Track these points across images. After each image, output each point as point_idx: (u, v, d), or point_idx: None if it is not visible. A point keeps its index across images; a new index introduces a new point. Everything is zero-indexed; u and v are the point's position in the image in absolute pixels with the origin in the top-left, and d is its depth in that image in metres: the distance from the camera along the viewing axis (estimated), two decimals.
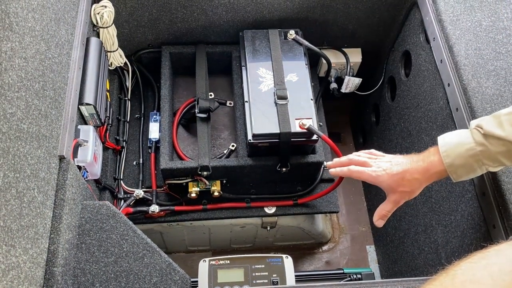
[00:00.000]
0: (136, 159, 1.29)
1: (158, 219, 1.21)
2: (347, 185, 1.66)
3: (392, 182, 0.83)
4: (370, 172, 0.85)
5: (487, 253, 0.59)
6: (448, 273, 0.57)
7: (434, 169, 0.80)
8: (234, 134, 1.28)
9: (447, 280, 0.57)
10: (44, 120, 0.80)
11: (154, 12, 1.25)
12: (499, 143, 0.74)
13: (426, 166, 0.81)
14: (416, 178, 0.81)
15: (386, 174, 0.83)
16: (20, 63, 0.71)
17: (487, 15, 1.08)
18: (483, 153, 0.76)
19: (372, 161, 0.86)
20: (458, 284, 0.56)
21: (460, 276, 0.56)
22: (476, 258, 0.59)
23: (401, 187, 0.83)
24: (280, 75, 1.17)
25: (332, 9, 1.30)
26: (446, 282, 0.57)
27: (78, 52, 0.98)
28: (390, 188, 0.84)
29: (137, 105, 1.37)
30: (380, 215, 0.87)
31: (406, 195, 0.84)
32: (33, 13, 0.77)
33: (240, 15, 1.28)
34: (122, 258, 0.86)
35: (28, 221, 0.71)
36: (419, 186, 0.83)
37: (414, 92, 1.23)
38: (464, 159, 0.77)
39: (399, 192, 0.83)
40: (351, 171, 0.87)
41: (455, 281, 0.56)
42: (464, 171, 0.79)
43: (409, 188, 0.83)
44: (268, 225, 1.32)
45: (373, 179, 0.84)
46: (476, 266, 0.57)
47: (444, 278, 0.57)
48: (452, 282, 0.56)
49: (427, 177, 0.81)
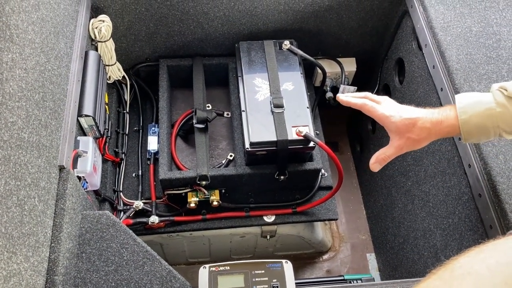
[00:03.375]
0: (135, 171, 1.30)
1: (158, 230, 1.22)
2: (346, 193, 1.67)
3: (402, 126, 0.80)
4: (382, 110, 0.82)
5: (484, 248, 0.60)
6: (446, 267, 0.58)
7: (447, 122, 0.77)
8: (232, 144, 1.29)
9: (445, 273, 0.57)
10: (44, 130, 0.81)
11: (151, 26, 1.27)
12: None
13: (440, 118, 0.78)
14: (427, 127, 0.78)
15: (398, 117, 0.80)
16: (20, 73, 0.72)
17: (477, 21, 1.11)
18: (502, 115, 0.73)
19: (387, 102, 0.84)
20: (456, 276, 0.56)
21: (458, 270, 0.57)
22: (473, 252, 0.59)
23: (409, 132, 0.79)
24: (276, 84, 1.18)
25: (326, 20, 1.33)
26: (445, 275, 0.57)
27: (77, 65, 1.00)
28: (397, 132, 0.81)
29: (136, 118, 1.38)
30: (379, 158, 0.84)
31: (411, 143, 0.81)
32: (33, 26, 0.79)
33: (235, 28, 1.31)
34: (123, 267, 0.87)
35: (29, 229, 0.72)
36: (428, 136, 0.79)
37: (409, 99, 1.25)
38: (481, 118, 0.75)
39: (406, 137, 0.80)
40: (364, 104, 0.84)
41: (454, 274, 0.57)
42: (477, 131, 0.76)
43: (417, 136, 0.79)
44: (268, 234, 1.32)
45: (385, 118, 0.81)
46: (474, 260, 0.58)
47: (443, 272, 0.58)
48: (451, 275, 0.57)
49: (438, 129, 0.78)
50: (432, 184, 1.13)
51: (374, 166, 0.86)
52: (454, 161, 1.03)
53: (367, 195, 1.64)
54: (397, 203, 1.34)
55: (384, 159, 0.84)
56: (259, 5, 1.25)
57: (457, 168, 1.01)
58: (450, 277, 0.56)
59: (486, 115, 0.74)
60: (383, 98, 0.86)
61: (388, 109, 0.82)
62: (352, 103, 0.87)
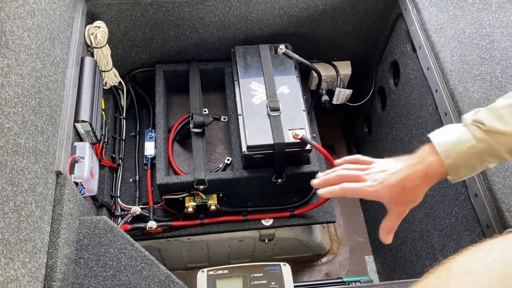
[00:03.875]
0: (133, 177, 1.30)
1: (156, 235, 1.21)
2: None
3: (392, 194, 0.75)
4: (366, 188, 0.76)
5: (482, 246, 0.60)
6: (444, 267, 0.58)
7: (434, 171, 0.73)
8: (229, 149, 1.30)
9: (443, 272, 0.58)
10: (41, 136, 0.81)
11: (147, 31, 1.28)
12: (503, 138, 0.69)
13: (425, 169, 0.74)
14: (417, 184, 0.74)
15: (384, 187, 0.74)
16: (16, 79, 0.73)
17: (470, 22, 1.12)
18: (485, 150, 0.71)
19: (365, 174, 0.77)
20: (454, 275, 0.56)
21: (456, 269, 0.57)
22: (471, 251, 0.59)
23: (403, 197, 0.75)
24: (272, 88, 1.19)
25: (320, 24, 1.34)
26: (442, 274, 0.57)
27: (73, 71, 1.01)
28: (391, 201, 0.76)
29: (133, 123, 1.39)
30: (387, 230, 0.78)
31: (409, 204, 0.77)
32: (28, 32, 0.79)
33: (231, 32, 1.31)
34: (121, 272, 0.87)
35: (26, 235, 0.71)
36: (421, 192, 0.76)
37: (404, 101, 1.25)
38: (467, 158, 0.71)
39: (402, 202, 0.76)
40: (344, 190, 0.77)
41: (451, 273, 0.57)
42: (466, 171, 0.73)
43: (412, 197, 0.76)
44: (266, 238, 1.32)
45: (372, 195, 0.76)
46: (471, 259, 0.58)
47: (440, 271, 0.58)
48: (448, 274, 0.57)
49: (427, 181, 0.75)
50: None
51: (388, 239, 0.79)
52: None
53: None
54: None
55: (393, 229, 0.79)
56: (254, 10, 1.26)
57: None
58: (447, 276, 0.56)
59: (471, 153, 0.71)
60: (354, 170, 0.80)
61: (370, 184, 0.76)
62: (333, 194, 0.79)
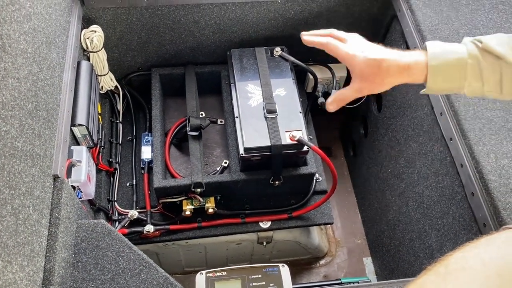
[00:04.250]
0: (130, 181, 1.29)
1: (153, 239, 1.21)
2: (340, 198, 1.67)
3: (365, 67, 0.74)
4: (346, 49, 0.76)
5: (478, 243, 0.60)
6: (441, 263, 0.58)
7: (415, 67, 0.72)
8: (226, 151, 1.30)
9: (441, 269, 0.58)
10: (38, 140, 0.81)
11: (143, 35, 1.28)
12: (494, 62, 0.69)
13: (409, 62, 0.72)
14: (393, 71, 0.72)
15: (362, 56, 0.74)
16: (13, 83, 0.73)
17: (463, 23, 1.13)
18: (472, 67, 0.70)
19: (352, 40, 0.78)
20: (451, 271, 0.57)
21: (453, 265, 0.58)
22: (468, 248, 0.60)
23: (373, 75, 0.74)
24: (269, 90, 1.19)
25: (316, 26, 1.34)
26: (440, 270, 0.58)
27: (69, 74, 1.01)
28: (360, 74, 0.75)
29: (129, 127, 1.39)
30: (337, 99, 0.79)
31: (373, 86, 0.75)
32: (25, 36, 0.80)
33: (227, 35, 1.32)
34: (119, 275, 0.86)
35: (24, 238, 0.71)
36: (392, 81, 0.74)
37: (400, 102, 1.26)
38: (451, 67, 0.71)
39: (368, 81, 0.74)
40: (327, 44, 0.79)
41: (449, 269, 0.57)
42: (442, 81, 0.72)
43: (380, 80, 0.74)
44: (264, 240, 1.32)
45: (348, 58, 0.75)
46: (468, 255, 0.59)
47: (438, 268, 0.58)
48: (446, 270, 0.57)
49: (404, 75, 0.73)
50: (426, 185, 1.14)
51: (331, 107, 0.80)
52: (447, 161, 1.04)
53: (361, 199, 1.64)
54: (391, 206, 1.35)
55: (342, 100, 0.79)
56: (249, 13, 1.27)
57: (449, 168, 1.02)
58: (445, 272, 0.56)
59: (457, 65, 0.71)
60: (351, 35, 0.80)
61: (353, 47, 0.76)
62: (316, 42, 0.81)
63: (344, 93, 0.79)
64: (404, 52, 0.74)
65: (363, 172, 1.58)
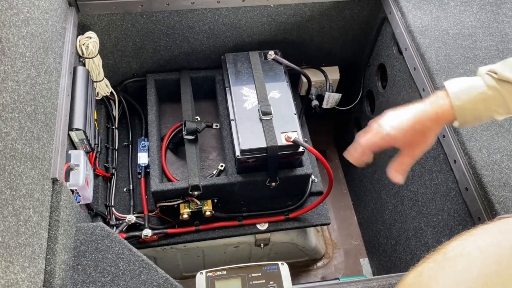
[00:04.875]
0: (126, 186, 1.30)
1: (151, 243, 1.21)
2: (336, 200, 1.68)
3: (405, 137, 0.76)
4: (380, 135, 0.77)
5: (475, 231, 0.62)
6: (439, 251, 0.60)
7: (443, 113, 0.75)
8: (222, 155, 1.31)
9: (439, 256, 0.59)
10: (37, 143, 0.81)
11: (137, 41, 1.29)
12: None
13: (435, 110, 0.75)
14: (428, 126, 0.76)
15: (397, 131, 0.76)
16: (12, 85, 0.73)
17: (452, 24, 1.16)
18: (494, 98, 0.73)
19: (377, 125, 0.78)
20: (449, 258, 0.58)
21: (451, 252, 0.59)
22: (465, 236, 0.61)
23: (415, 139, 0.76)
24: (263, 93, 1.21)
25: (308, 30, 1.37)
26: (438, 258, 0.59)
27: (66, 80, 1.01)
28: (405, 144, 0.77)
29: (125, 133, 1.39)
30: (397, 168, 0.79)
31: (422, 147, 0.78)
32: (23, 40, 0.80)
33: (221, 40, 1.34)
34: (119, 277, 0.86)
35: (25, 239, 0.71)
36: (433, 134, 0.77)
37: (392, 102, 1.28)
38: (475, 103, 0.73)
39: (415, 145, 0.77)
40: (363, 145, 0.79)
41: (447, 256, 0.58)
42: (472, 117, 0.75)
43: (424, 139, 0.76)
44: (262, 243, 1.32)
45: (387, 139, 0.77)
46: (466, 242, 0.60)
47: (437, 255, 0.59)
48: (444, 257, 0.58)
49: (437, 122, 0.76)
50: (420, 183, 1.15)
51: (399, 179, 0.79)
52: (440, 159, 1.05)
53: (357, 201, 1.66)
54: (387, 206, 1.36)
55: (405, 170, 0.79)
56: (243, 17, 1.29)
57: (443, 165, 1.04)
58: (443, 259, 0.57)
59: (479, 99, 0.74)
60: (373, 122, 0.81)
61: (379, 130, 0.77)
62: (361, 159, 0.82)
63: (404, 162, 0.79)
64: (426, 101, 0.76)
65: (358, 174, 1.60)
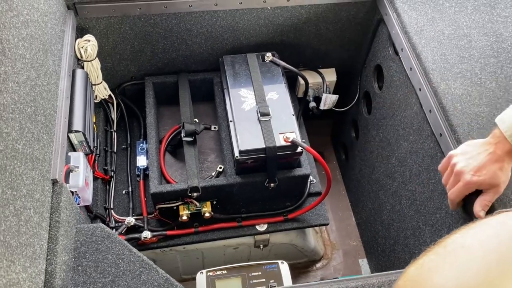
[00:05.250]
0: (125, 188, 1.30)
1: (150, 245, 1.21)
2: (334, 201, 1.69)
3: (487, 181, 0.86)
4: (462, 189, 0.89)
5: (474, 225, 0.62)
6: (440, 245, 0.60)
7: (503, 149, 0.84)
8: (220, 157, 1.31)
9: (440, 249, 0.59)
10: (37, 144, 0.82)
11: (135, 44, 1.30)
12: None
13: (501, 154, 0.84)
14: (503, 167, 0.85)
15: (472, 180, 0.86)
16: (13, 86, 0.74)
17: (448, 24, 1.17)
18: None
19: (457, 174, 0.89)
20: (450, 250, 0.58)
21: (452, 245, 0.59)
22: (464, 230, 0.62)
23: (496, 180, 0.86)
24: (261, 94, 1.22)
25: (305, 32, 1.38)
26: (439, 250, 0.59)
27: (65, 82, 1.02)
28: (489, 186, 0.87)
29: (123, 136, 1.40)
30: (483, 205, 0.89)
31: (503, 185, 0.87)
32: (23, 42, 0.81)
33: (218, 43, 1.35)
34: (120, 277, 0.87)
35: (26, 239, 0.72)
36: (507, 172, 0.86)
37: (389, 102, 1.29)
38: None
39: (497, 184, 0.86)
40: (451, 200, 0.92)
41: (448, 249, 0.59)
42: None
43: (505, 177, 0.86)
44: (261, 244, 1.33)
45: (469, 191, 0.89)
46: (466, 235, 0.60)
47: (437, 248, 0.60)
48: (445, 249, 0.59)
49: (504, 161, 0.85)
50: (418, 182, 1.16)
51: (482, 214, 0.89)
52: (437, 157, 1.06)
53: (355, 201, 1.66)
54: (385, 206, 1.37)
55: (488, 206, 0.89)
56: (240, 20, 1.30)
57: (440, 163, 1.05)
58: (444, 251, 0.58)
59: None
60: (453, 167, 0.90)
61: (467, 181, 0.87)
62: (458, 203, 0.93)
63: (488, 199, 0.88)
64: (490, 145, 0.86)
65: (356, 175, 1.60)
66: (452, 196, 0.91)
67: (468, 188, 0.89)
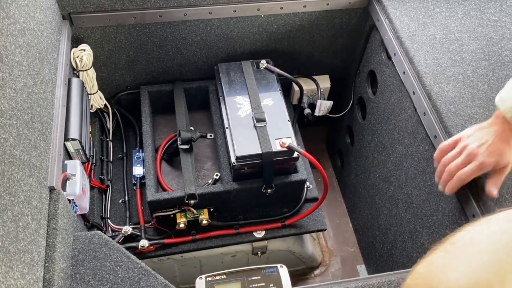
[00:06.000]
0: (122, 198, 1.29)
1: (148, 254, 1.21)
2: (331, 208, 1.69)
3: (499, 161, 0.88)
4: (477, 168, 0.89)
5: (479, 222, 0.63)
6: (447, 242, 0.60)
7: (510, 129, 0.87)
8: (217, 164, 1.31)
9: (447, 246, 0.59)
10: (34, 151, 0.82)
11: (131, 54, 1.31)
12: None
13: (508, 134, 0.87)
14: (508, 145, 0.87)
15: (489, 160, 0.88)
16: (10, 93, 0.74)
17: (439, 29, 1.19)
18: None
19: (467, 155, 0.90)
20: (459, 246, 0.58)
21: (459, 241, 0.59)
22: (469, 227, 0.62)
23: (506, 160, 0.88)
24: (257, 101, 1.22)
25: (298, 39, 1.40)
26: (448, 247, 0.59)
27: (61, 90, 1.02)
28: (500, 166, 0.89)
29: (119, 145, 1.40)
30: (497, 184, 0.90)
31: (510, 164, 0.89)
32: (20, 49, 0.81)
33: (213, 51, 1.36)
34: (118, 284, 0.86)
35: (24, 246, 0.71)
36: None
37: (383, 107, 1.30)
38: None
39: (507, 164, 0.89)
40: (462, 179, 0.92)
41: (456, 245, 0.58)
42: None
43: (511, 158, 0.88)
44: (259, 251, 1.32)
45: (481, 171, 0.90)
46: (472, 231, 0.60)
47: (445, 246, 0.59)
48: (453, 246, 0.59)
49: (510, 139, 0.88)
50: (414, 185, 1.17)
51: (496, 193, 0.91)
52: (433, 160, 1.07)
53: (352, 208, 1.66)
54: (382, 210, 1.37)
55: (499, 184, 0.91)
56: (234, 28, 1.31)
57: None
58: (452, 248, 0.58)
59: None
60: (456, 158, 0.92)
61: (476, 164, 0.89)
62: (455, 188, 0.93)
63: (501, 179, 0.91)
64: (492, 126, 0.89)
65: (352, 180, 1.61)
66: (463, 175, 0.91)
67: (481, 168, 0.89)
